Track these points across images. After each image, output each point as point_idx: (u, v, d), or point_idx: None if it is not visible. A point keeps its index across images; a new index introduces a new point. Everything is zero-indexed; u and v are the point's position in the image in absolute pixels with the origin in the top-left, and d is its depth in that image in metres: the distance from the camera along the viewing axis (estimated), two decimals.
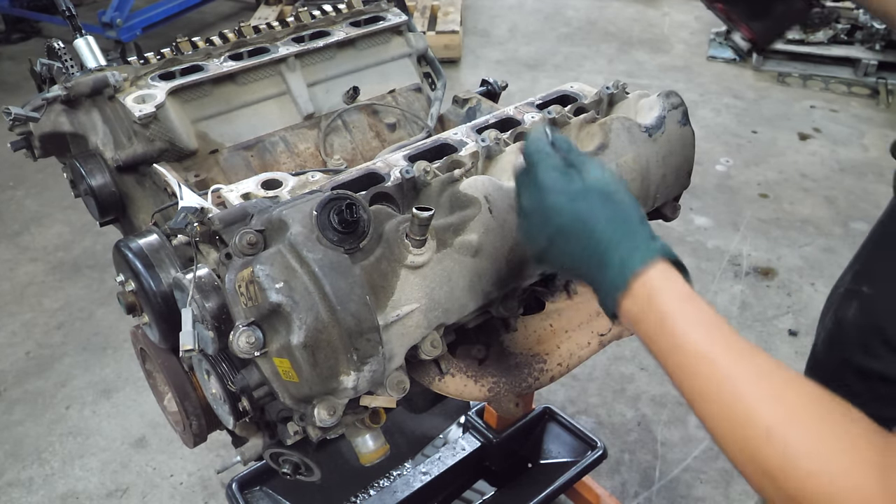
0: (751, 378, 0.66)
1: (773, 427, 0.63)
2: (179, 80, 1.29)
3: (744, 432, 0.65)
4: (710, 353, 0.68)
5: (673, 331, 0.70)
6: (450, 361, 1.04)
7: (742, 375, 0.66)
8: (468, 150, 1.09)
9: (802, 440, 0.62)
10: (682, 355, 0.69)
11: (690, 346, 0.69)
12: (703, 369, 0.68)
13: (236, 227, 0.89)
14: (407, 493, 1.95)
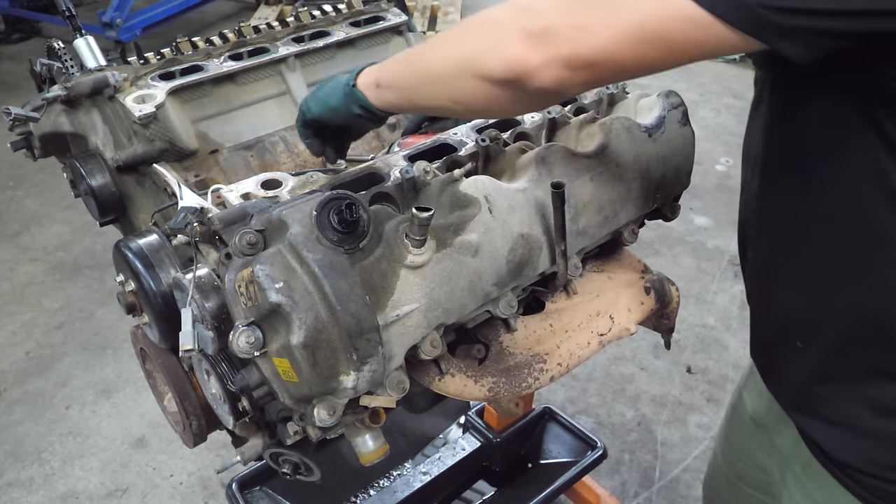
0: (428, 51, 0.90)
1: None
2: (179, 80, 1.29)
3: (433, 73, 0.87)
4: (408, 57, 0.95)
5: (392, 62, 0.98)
6: (450, 361, 1.04)
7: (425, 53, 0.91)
8: (468, 149, 1.09)
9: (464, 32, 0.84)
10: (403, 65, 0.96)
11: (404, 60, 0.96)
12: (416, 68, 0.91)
13: (236, 227, 0.89)
14: (407, 493, 1.95)
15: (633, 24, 0.70)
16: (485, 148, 1.07)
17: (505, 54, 0.75)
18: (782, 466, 1.12)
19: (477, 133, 1.14)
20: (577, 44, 0.72)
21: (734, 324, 2.95)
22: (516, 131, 1.13)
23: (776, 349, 1.05)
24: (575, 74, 0.73)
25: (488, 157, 1.08)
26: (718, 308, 3.03)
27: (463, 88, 0.81)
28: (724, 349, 2.82)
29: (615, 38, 0.70)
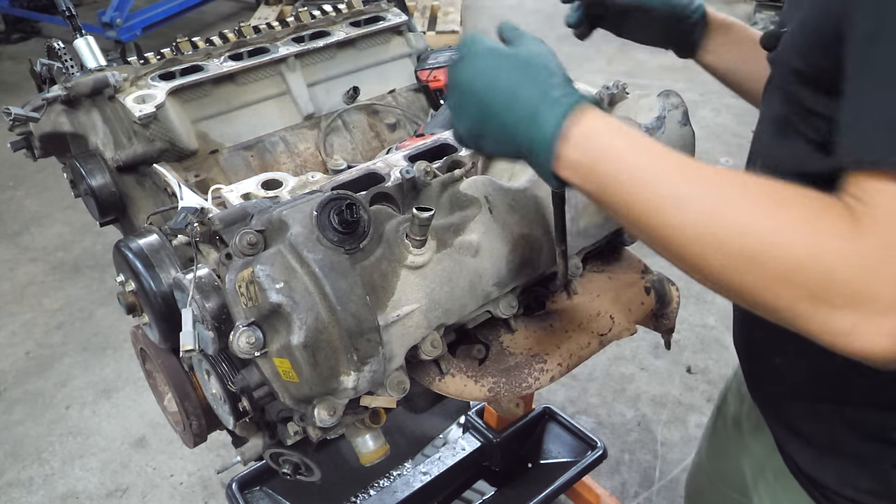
0: (705, 185, 0.65)
1: (743, 223, 0.62)
2: (179, 81, 1.29)
3: (710, 237, 0.63)
4: (664, 173, 0.66)
5: (622, 160, 0.68)
6: (450, 361, 1.04)
7: (697, 185, 0.65)
8: (468, 149, 1.09)
9: (774, 222, 0.61)
10: (636, 183, 0.67)
11: (642, 171, 0.67)
12: (661, 190, 0.66)
13: (236, 228, 0.89)
14: (407, 493, 1.95)
15: None
16: None
17: (860, 338, 0.58)
18: (755, 471, 1.10)
19: None
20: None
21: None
22: None
23: (759, 355, 1.01)
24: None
25: (489, 156, 1.08)
26: (718, 308, 3.03)
27: (755, 289, 0.62)
28: (724, 349, 2.82)
29: None
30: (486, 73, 0.76)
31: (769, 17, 5.47)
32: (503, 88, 0.75)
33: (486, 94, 0.76)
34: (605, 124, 0.70)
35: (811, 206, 0.61)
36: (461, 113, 0.80)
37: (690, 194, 0.64)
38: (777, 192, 0.63)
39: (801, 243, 0.59)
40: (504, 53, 0.77)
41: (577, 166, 0.70)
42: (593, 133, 0.70)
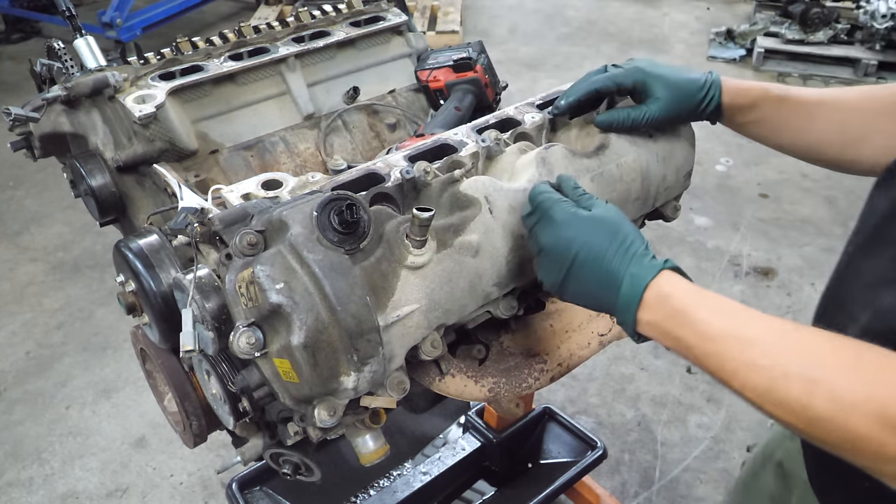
0: (777, 344, 0.71)
1: (813, 380, 0.67)
2: (179, 81, 1.29)
3: (787, 394, 0.69)
4: (735, 333, 0.74)
5: (693, 322, 0.76)
6: (450, 362, 1.04)
7: (770, 344, 0.71)
8: (468, 150, 1.09)
9: (844, 383, 0.66)
10: (708, 342, 0.75)
11: (714, 331, 0.75)
12: (732, 349, 0.73)
13: (236, 228, 0.89)
14: (407, 493, 1.95)
15: None
16: (485, 148, 1.07)
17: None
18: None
19: (477, 133, 1.14)
20: None
21: None
22: (516, 131, 1.13)
23: (830, 473, 0.96)
24: None
25: (489, 157, 1.08)
26: None
27: (790, 420, 0.69)
28: None
29: None
30: (569, 241, 0.85)
31: (769, 17, 5.47)
32: (586, 258, 0.84)
33: (568, 261, 0.86)
34: (680, 292, 0.79)
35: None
36: (545, 271, 0.90)
37: (758, 363, 0.71)
38: (854, 358, 0.68)
39: None
40: (583, 220, 0.86)
41: (655, 329, 0.80)
42: (669, 302, 0.79)
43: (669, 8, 6.30)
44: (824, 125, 1.02)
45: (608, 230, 0.84)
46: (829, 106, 1.03)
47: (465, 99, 1.42)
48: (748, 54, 5.25)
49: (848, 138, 1.01)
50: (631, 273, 0.81)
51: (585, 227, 0.85)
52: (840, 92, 1.04)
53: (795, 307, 3.03)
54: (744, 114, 1.07)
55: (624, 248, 0.83)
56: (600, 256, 0.83)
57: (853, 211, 3.62)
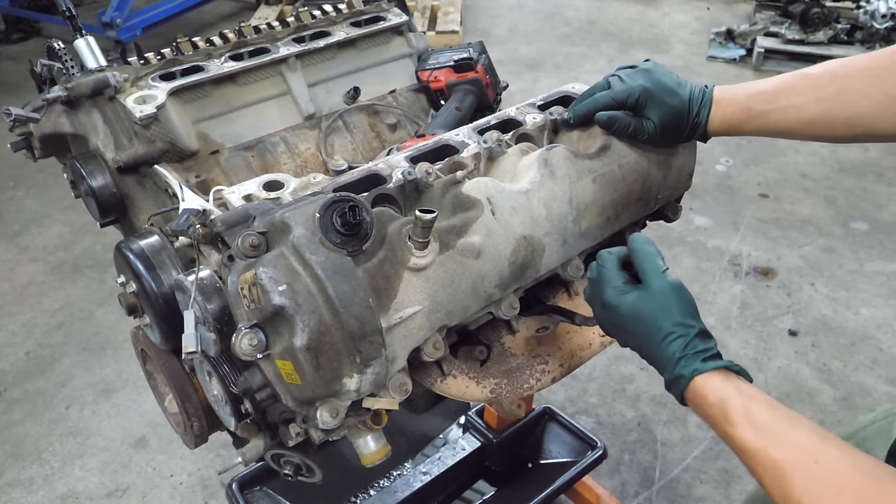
0: (806, 474, 0.75)
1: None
2: (180, 81, 1.29)
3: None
4: (766, 454, 0.78)
5: (727, 435, 0.82)
6: (452, 363, 1.04)
7: (800, 474, 0.76)
8: (470, 151, 1.09)
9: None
10: (743, 455, 0.81)
11: (747, 447, 0.80)
12: (759, 465, 0.79)
13: (238, 230, 0.89)
14: (407, 493, 1.95)
15: None
16: (487, 149, 1.07)
17: None
18: None
19: (479, 134, 1.14)
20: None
21: (734, 324, 2.95)
22: (518, 133, 1.13)
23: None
24: None
25: (490, 158, 1.08)
26: (718, 308, 3.03)
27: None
28: (724, 349, 2.83)
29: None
30: (615, 326, 0.93)
31: (769, 17, 5.47)
32: (633, 345, 0.92)
33: (621, 339, 0.94)
34: (713, 399, 0.83)
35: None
36: (606, 329, 0.97)
37: (789, 491, 0.75)
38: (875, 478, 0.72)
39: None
40: (626, 311, 0.91)
41: (698, 410, 0.86)
42: (704, 409, 0.85)
43: (669, 8, 6.30)
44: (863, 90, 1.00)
45: (652, 323, 0.88)
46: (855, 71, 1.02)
47: (465, 99, 1.42)
48: (748, 54, 5.24)
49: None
50: (671, 371, 0.87)
51: (629, 318, 0.90)
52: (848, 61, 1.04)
53: (795, 307, 3.03)
54: (737, 126, 1.06)
55: (664, 346, 0.87)
56: (644, 348, 0.90)
57: (853, 211, 3.62)
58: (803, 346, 2.85)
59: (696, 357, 0.85)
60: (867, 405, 2.56)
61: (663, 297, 0.89)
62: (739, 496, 2.29)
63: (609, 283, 0.93)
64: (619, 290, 0.92)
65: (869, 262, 3.29)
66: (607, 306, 0.92)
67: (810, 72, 1.03)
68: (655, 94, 1.05)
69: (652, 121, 1.06)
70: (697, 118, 1.05)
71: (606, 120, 1.07)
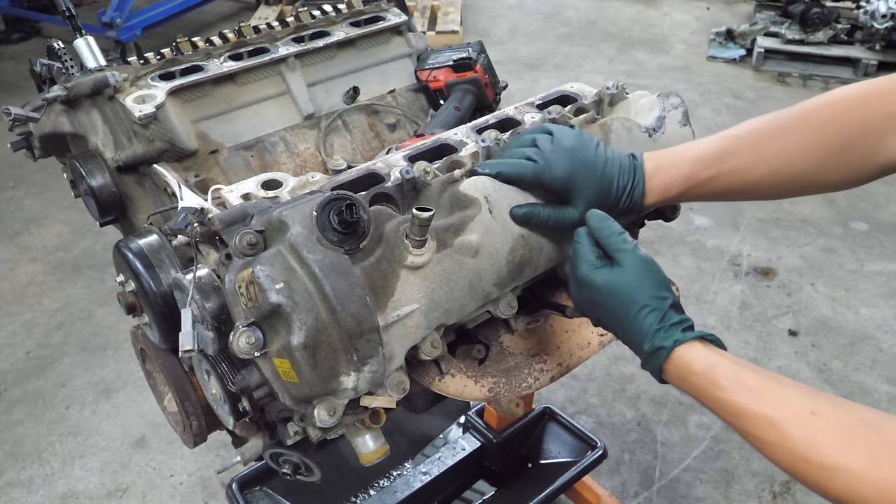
0: (796, 427, 0.76)
1: (831, 469, 0.73)
2: (179, 81, 1.29)
3: (808, 476, 0.75)
4: (755, 412, 0.79)
5: (714, 399, 0.82)
6: (450, 362, 1.04)
7: (789, 428, 0.76)
8: (468, 150, 1.09)
9: (860, 477, 0.71)
10: (731, 417, 0.81)
11: (734, 409, 0.80)
12: (753, 428, 0.79)
13: (236, 228, 0.89)
14: (407, 493, 1.95)
15: None
16: (485, 148, 1.07)
17: None
18: None
19: (477, 133, 1.14)
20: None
21: (734, 324, 2.95)
22: (516, 132, 1.13)
23: None
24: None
25: (489, 157, 1.08)
26: (718, 308, 3.03)
27: (813, 488, 0.75)
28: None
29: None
30: (591, 302, 0.92)
31: (769, 17, 5.47)
32: (608, 322, 0.91)
33: (595, 317, 0.94)
34: (697, 368, 0.83)
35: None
36: (580, 307, 0.96)
37: (780, 445, 0.76)
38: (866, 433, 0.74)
39: None
40: (601, 285, 0.90)
41: (679, 381, 0.86)
42: (689, 379, 0.84)
43: (669, 8, 6.30)
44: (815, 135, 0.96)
45: (625, 297, 0.88)
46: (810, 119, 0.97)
47: (464, 99, 1.42)
48: (748, 54, 5.24)
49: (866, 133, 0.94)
50: (650, 343, 0.86)
51: (603, 293, 0.89)
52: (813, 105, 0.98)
53: (795, 307, 3.03)
54: (688, 193, 1.00)
55: (640, 319, 0.86)
56: (618, 323, 0.89)
57: (853, 211, 3.62)
58: (803, 346, 2.85)
59: (674, 328, 0.85)
60: (867, 405, 2.56)
61: (636, 271, 0.88)
62: (739, 496, 2.28)
63: (582, 259, 0.92)
64: (592, 265, 0.91)
65: (869, 262, 3.29)
66: (581, 282, 0.91)
67: (744, 132, 0.98)
68: (579, 181, 0.96)
69: (577, 209, 0.98)
70: (630, 198, 0.99)
71: (522, 216, 0.98)
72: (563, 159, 0.97)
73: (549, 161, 0.97)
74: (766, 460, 0.81)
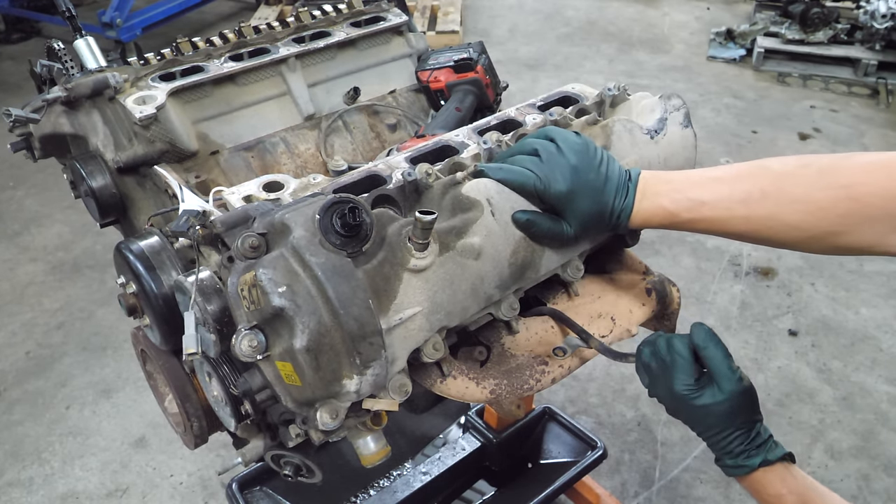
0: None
1: None
2: (180, 81, 1.29)
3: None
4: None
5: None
6: (451, 363, 1.04)
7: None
8: (470, 152, 1.09)
9: None
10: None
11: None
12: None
13: (238, 231, 0.89)
14: (407, 493, 1.95)
15: None
16: (487, 150, 1.07)
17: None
18: None
19: (479, 135, 1.14)
20: None
21: (734, 324, 2.95)
22: (518, 133, 1.13)
23: None
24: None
25: (490, 158, 1.08)
26: (718, 308, 3.03)
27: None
28: None
29: None
30: (699, 411, 0.99)
31: (769, 17, 5.47)
32: (709, 427, 1.00)
33: (693, 423, 1.02)
34: (780, 486, 0.95)
35: None
36: (669, 410, 1.04)
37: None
38: None
39: None
40: (715, 403, 0.98)
41: (752, 494, 0.98)
42: (770, 489, 0.96)
43: (669, 8, 6.30)
44: None
45: (721, 422, 0.98)
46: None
47: (465, 99, 1.42)
48: (748, 54, 5.24)
49: None
50: (734, 460, 1.00)
51: (699, 413, 0.99)
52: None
53: (795, 307, 3.03)
54: (666, 227, 1.00)
55: (729, 440, 0.99)
56: (706, 435, 1.02)
57: None
58: (803, 346, 2.85)
59: (759, 451, 0.95)
60: (867, 405, 2.56)
61: (735, 401, 0.95)
62: (739, 496, 2.29)
63: (681, 374, 0.97)
64: (690, 387, 0.96)
65: (869, 262, 3.29)
66: (678, 397, 0.97)
67: (739, 182, 0.93)
68: (578, 202, 0.96)
69: (570, 226, 0.98)
70: (619, 218, 0.98)
71: (524, 222, 0.97)
72: (564, 177, 0.95)
73: (550, 176, 0.96)
74: None
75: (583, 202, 0.96)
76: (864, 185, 0.84)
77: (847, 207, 0.84)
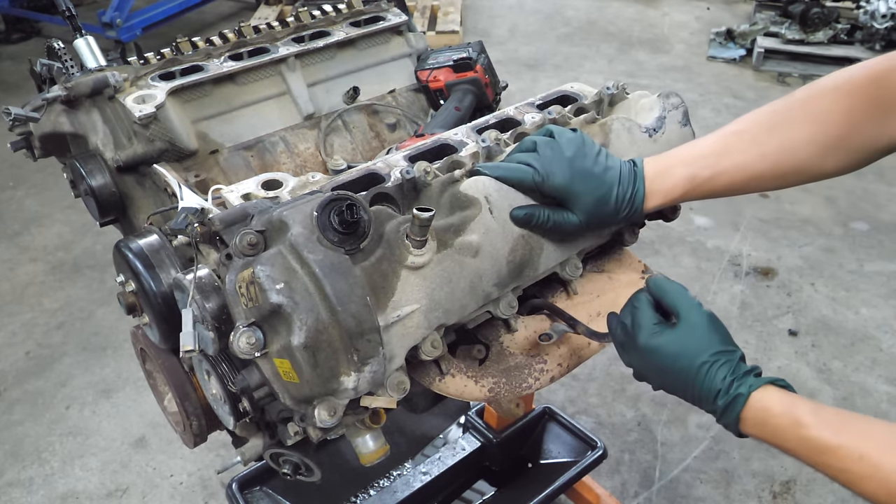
0: (888, 456, 0.76)
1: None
2: (179, 81, 1.29)
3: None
4: (844, 446, 0.78)
5: (800, 438, 0.82)
6: (450, 362, 1.04)
7: (880, 457, 0.76)
8: (468, 150, 1.09)
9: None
10: (820, 455, 0.80)
11: (823, 445, 0.80)
12: (841, 460, 0.78)
13: (237, 228, 0.89)
14: (407, 493, 1.95)
15: None
16: (485, 148, 1.07)
17: None
18: None
19: (477, 133, 1.14)
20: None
21: (734, 324, 2.95)
22: (516, 132, 1.13)
23: None
24: None
25: (489, 157, 1.08)
26: (718, 308, 3.03)
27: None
28: None
29: None
30: (657, 370, 0.93)
31: (769, 17, 5.47)
32: (675, 387, 0.92)
33: (659, 384, 0.95)
34: (777, 411, 0.84)
35: None
36: (642, 376, 0.97)
37: (873, 476, 0.76)
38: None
39: None
40: (665, 352, 0.91)
41: (759, 428, 0.86)
42: (769, 423, 0.84)
43: (669, 8, 6.30)
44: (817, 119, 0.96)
45: (695, 354, 0.88)
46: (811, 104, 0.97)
47: (465, 99, 1.42)
48: (748, 54, 5.24)
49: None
50: (725, 395, 0.86)
51: (670, 354, 0.90)
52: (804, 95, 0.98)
53: (795, 307, 3.03)
54: (690, 194, 1.00)
55: (712, 374, 0.87)
56: (687, 382, 0.89)
57: (853, 211, 3.62)
58: (803, 346, 2.85)
59: (747, 376, 0.87)
60: (867, 405, 2.56)
61: (703, 327, 0.90)
62: (739, 496, 2.29)
63: (642, 327, 0.93)
64: (652, 332, 0.92)
65: (869, 262, 3.29)
66: (645, 349, 0.92)
67: (743, 128, 0.99)
68: (578, 190, 0.96)
69: (576, 215, 0.98)
70: (631, 205, 0.98)
71: (522, 218, 0.97)
72: (562, 168, 0.96)
73: (547, 170, 0.96)
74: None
75: (583, 191, 0.96)
76: (849, 81, 0.93)
77: (847, 105, 0.92)
